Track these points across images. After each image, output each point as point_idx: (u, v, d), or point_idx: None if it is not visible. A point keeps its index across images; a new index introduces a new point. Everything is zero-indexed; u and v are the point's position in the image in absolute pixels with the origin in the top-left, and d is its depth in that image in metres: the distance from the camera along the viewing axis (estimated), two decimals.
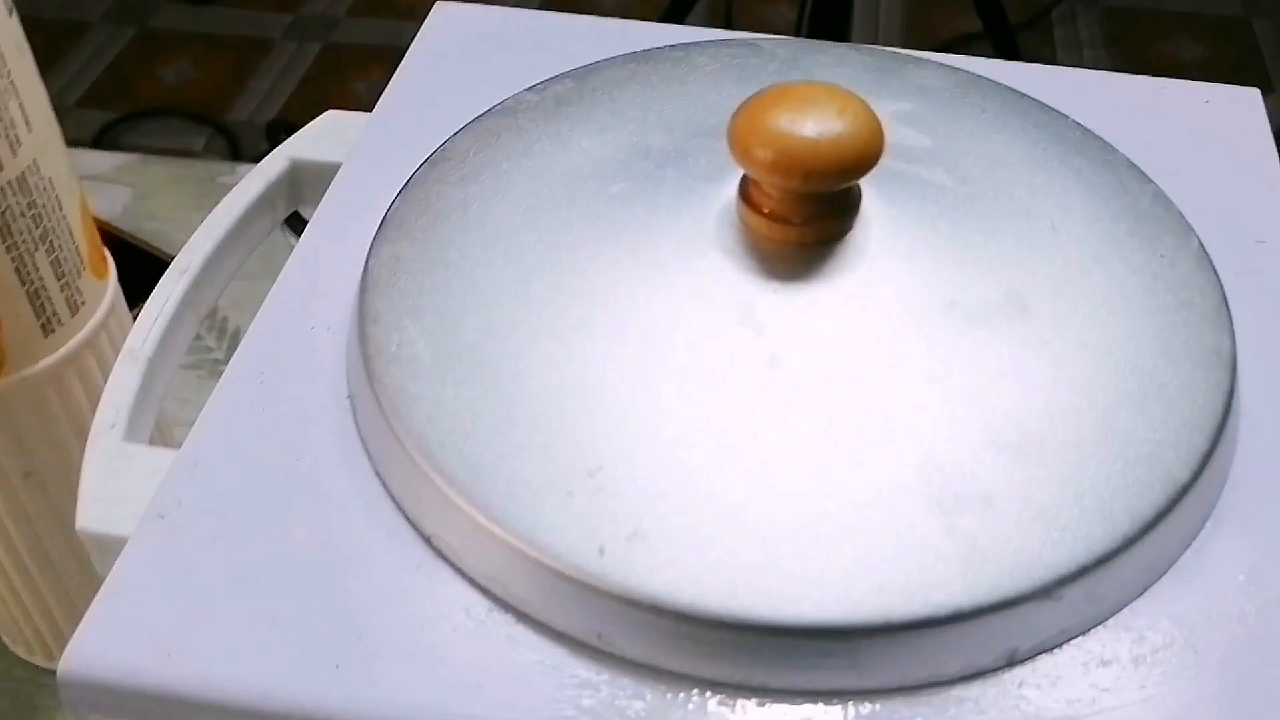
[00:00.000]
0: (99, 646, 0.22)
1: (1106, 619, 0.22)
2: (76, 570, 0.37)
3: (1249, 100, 0.34)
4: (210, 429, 0.25)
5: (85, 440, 0.33)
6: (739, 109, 0.25)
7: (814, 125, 0.24)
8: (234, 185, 0.59)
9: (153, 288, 0.52)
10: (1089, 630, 0.22)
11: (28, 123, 0.30)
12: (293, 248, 0.30)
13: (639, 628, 0.21)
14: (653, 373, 0.24)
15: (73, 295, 0.33)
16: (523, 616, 0.22)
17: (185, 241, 0.56)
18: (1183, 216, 0.28)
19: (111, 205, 0.57)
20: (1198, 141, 0.32)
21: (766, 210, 0.25)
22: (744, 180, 0.26)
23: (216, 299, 0.33)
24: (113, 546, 0.25)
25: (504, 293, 0.26)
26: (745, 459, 0.22)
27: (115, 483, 0.26)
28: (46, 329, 0.32)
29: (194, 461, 0.25)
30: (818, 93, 0.24)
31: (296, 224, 0.54)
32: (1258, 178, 0.31)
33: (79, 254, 0.33)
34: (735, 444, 0.23)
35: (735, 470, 0.22)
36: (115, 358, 0.34)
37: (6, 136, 0.29)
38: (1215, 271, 0.27)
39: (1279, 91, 1.48)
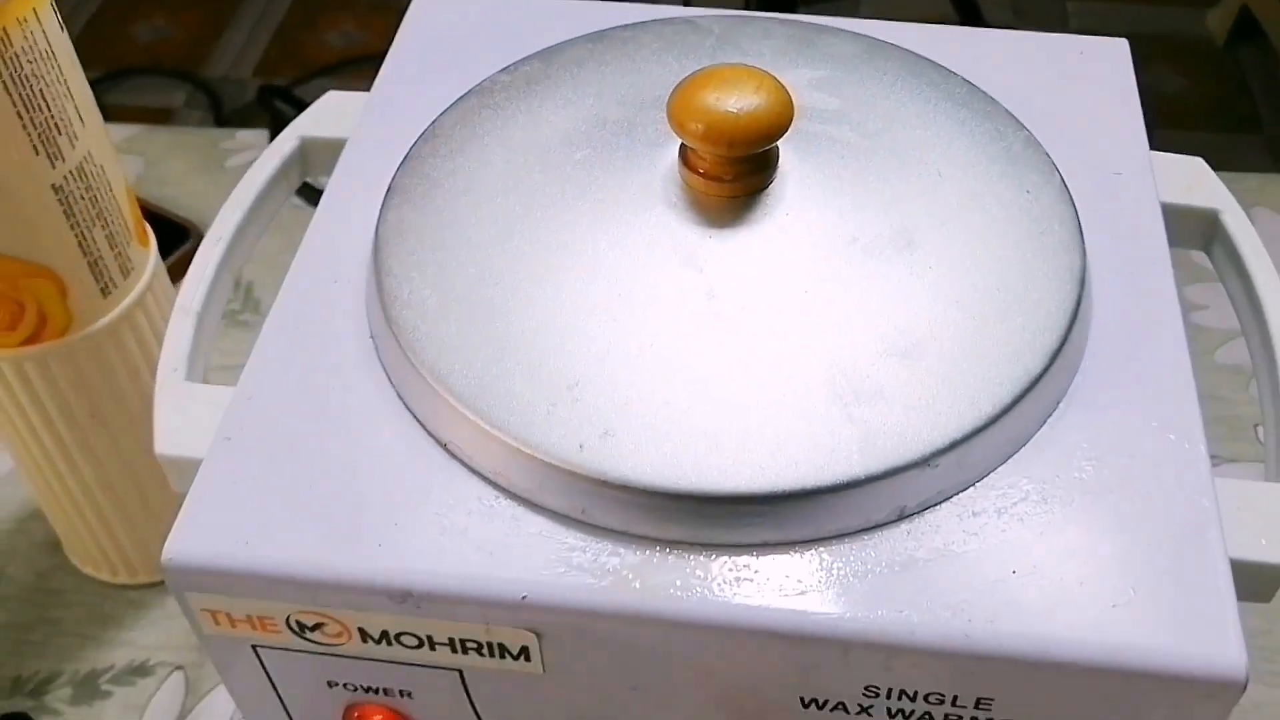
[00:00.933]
0: (190, 541, 0.28)
1: (976, 481, 0.28)
2: (136, 498, 0.43)
3: (1117, 49, 0.39)
4: (260, 367, 0.31)
5: (140, 384, 0.40)
6: (675, 89, 0.30)
7: (735, 101, 0.29)
8: (234, 150, 0.65)
9: (172, 248, 0.58)
10: (962, 490, 0.28)
11: (81, 120, 0.35)
12: (298, 208, 0.36)
13: (613, 504, 0.27)
14: (615, 307, 0.30)
15: (124, 262, 0.38)
16: (523, 501, 0.28)
17: (194, 205, 0.62)
18: (1049, 157, 0.34)
19: (126, 174, 0.63)
20: (1071, 88, 0.38)
21: (702, 171, 0.31)
22: (682, 147, 0.31)
23: (246, 260, 0.38)
24: (186, 467, 0.31)
25: (491, 246, 0.31)
26: (690, 372, 0.28)
27: (183, 416, 0.32)
28: (105, 292, 0.38)
29: (250, 394, 0.31)
30: (739, 74, 0.30)
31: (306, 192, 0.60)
32: (1120, 117, 0.37)
33: (127, 227, 0.38)
34: (682, 361, 0.29)
35: (682, 381, 0.28)
36: (159, 313, 0.40)
37: (65, 133, 0.35)
38: (1073, 203, 0.33)
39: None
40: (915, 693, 0.27)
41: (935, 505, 0.28)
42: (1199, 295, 0.55)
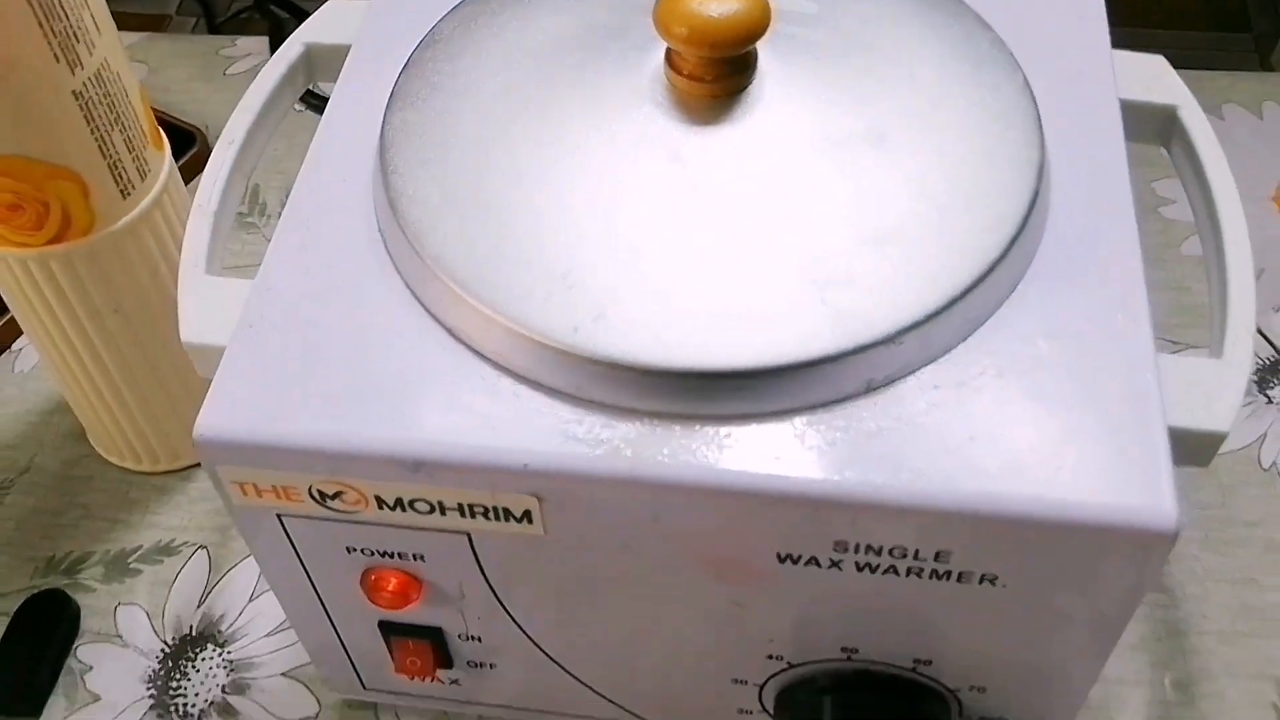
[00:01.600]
0: (219, 417, 0.31)
1: (938, 358, 0.31)
2: (157, 389, 0.46)
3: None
4: (277, 261, 0.34)
5: (159, 281, 0.42)
6: None
7: (716, 6, 0.31)
8: (235, 57, 0.66)
9: (179, 154, 0.60)
10: (925, 366, 0.31)
11: (98, 28, 0.37)
12: (298, 113, 0.38)
13: (606, 381, 0.30)
14: (606, 199, 0.32)
15: (141, 165, 0.40)
16: (523, 379, 0.31)
17: (199, 111, 0.63)
18: (1013, 58, 0.36)
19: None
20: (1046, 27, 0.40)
21: (685, 72, 0.33)
22: (668, 50, 0.33)
23: (256, 163, 0.40)
24: (210, 353, 0.33)
25: (490, 145, 0.34)
26: (675, 260, 0.31)
27: (205, 306, 0.34)
28: (124, 193, 0.40)
29: (268, 285, 0.33)
30: None
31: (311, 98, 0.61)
32: (1084, 19, 0.39)
33: (143, 131, 0.40)
34: (667, 249, 0.31)
35: (668, 268, 0.31)
36: (176, 214, 0.42)
37: (84, 41, 0.37)
38: (1034, 101, 0.35)
39: None
40: (880, 547, 0.30)
41: (900, 379, 0.31)
42: (1168, 190, 0.57)
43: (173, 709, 0.43)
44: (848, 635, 0.34)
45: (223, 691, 0.44)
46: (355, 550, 0.34)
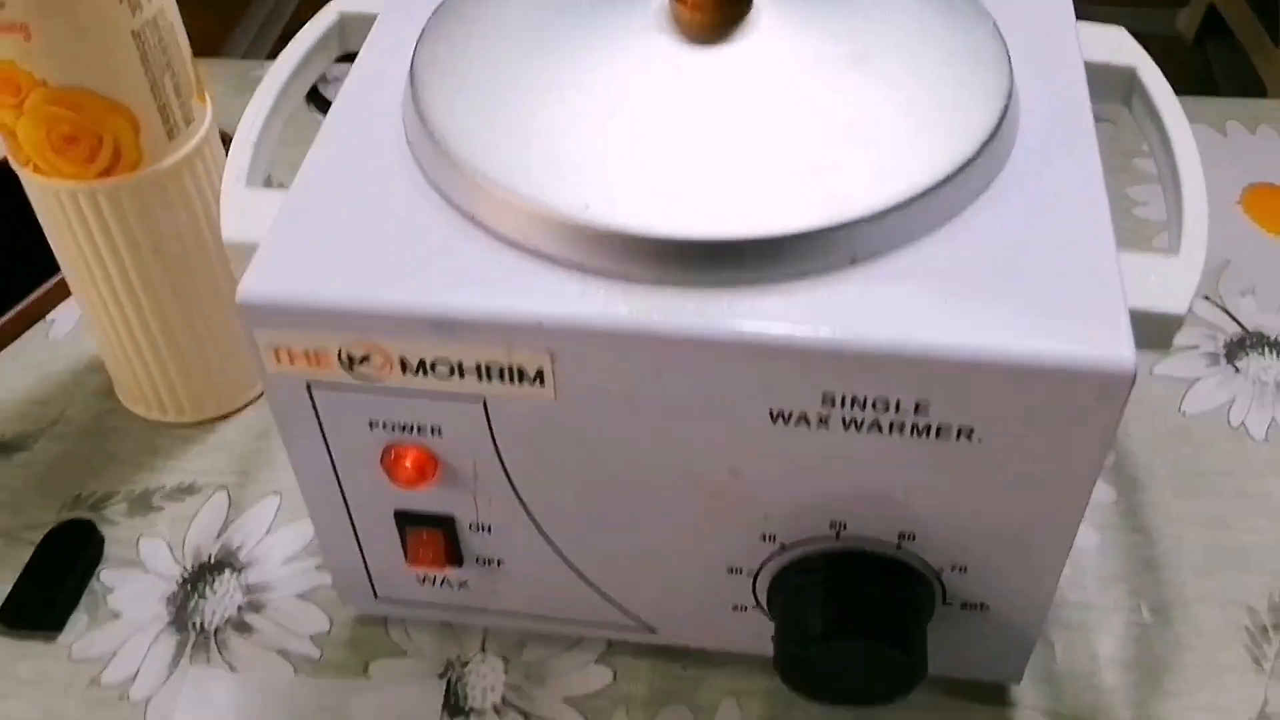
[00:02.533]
0: (260, 283, 0.34)
1: (917, 239, 0.34)
2: (188, 337, 0.48)
3: None
4: (314, 166, 0.37)
5: (197, 229, 0.45)
6: None
7: None
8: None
9: None
10: (906, 245, 0.34)
11: None
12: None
13: (615, 250, 0.33)
14: (616, 106, 0.35)
15: (187, 111, 0.44)
16: (537, 254, 0.34)
17: (228, 122, 0.67)
18: (986, 9, 0.40)
19: None
20: None
21: (689, 3, 0.37)
22: None
23: (289, 111, 0.44)
24: (248, 249, 0.36)
25: (511, 66, 0.37)
26: (677, 152, 0.34)
27: (246, 210, 0.37)
28: (170, 135, 0.43)
29: (307, 183, 0.36)
30: None
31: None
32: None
33: (190, 81, 0.44)
34: (670, 144, 0.34)
35: (671, 158, 0.34)
36: (214, 165, 0.46)
37: None
38: (1004, 42, 0.38)
39: None
40: (865, 399, 0.33)
41: (882, 256, 0.34)
42: (1140, 194, 0.61)
43: (190, 625, 0.45)
44: (836, 507, 0.36)
45: (238, 610, 0.46)
46: (377, 425, 0.36)
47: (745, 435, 0.34)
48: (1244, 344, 0.54)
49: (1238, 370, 0.53)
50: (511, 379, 0.34)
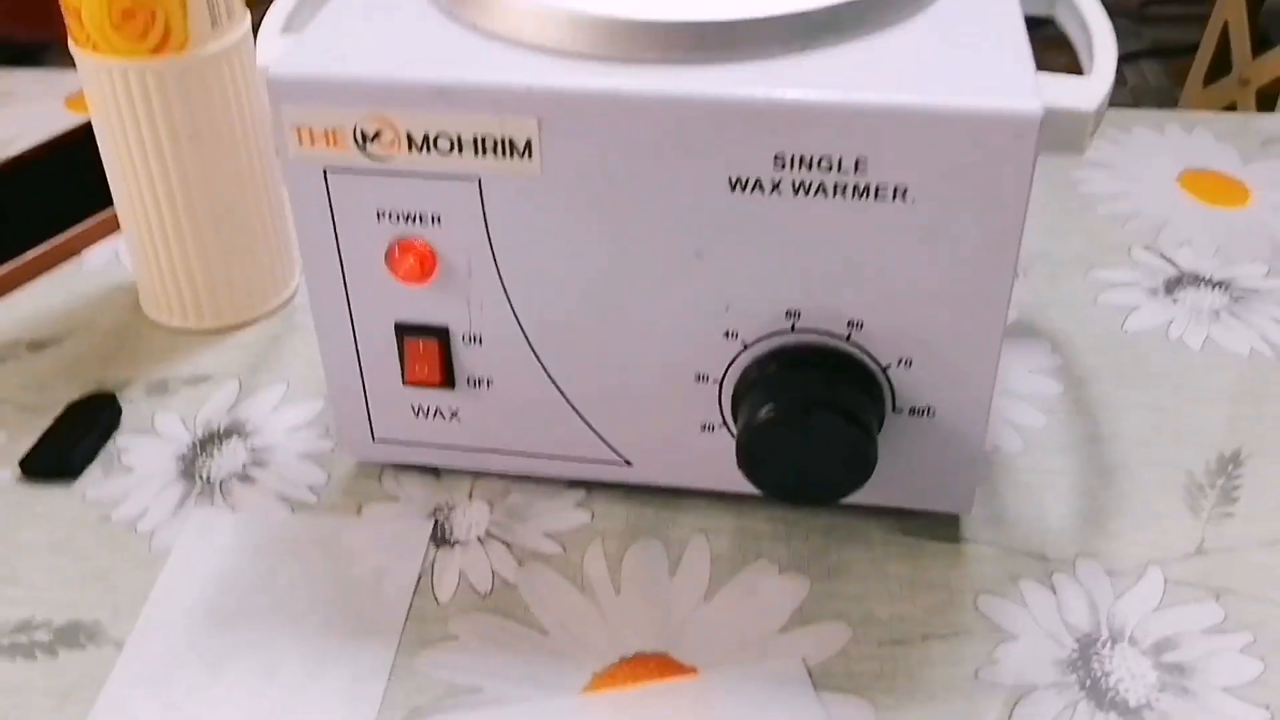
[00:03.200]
0: (287, 66, 0.39)
1: (856, 38, 0.39)
2: (212, 232, 0.53)
3: None
4: (340, 9, 0.42)
5: (230, 119, 0.51)
6: None
7: None
8: None
9: None
10: (848, 41, 0.39)
11: None
12: None
13: (593, 33, 0.38)
14: None
15: (231, 6, 0.50)
16: (529, 46, 0.39)
17: None
18: None
19: None
20: None
21: None
22: None
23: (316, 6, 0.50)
24: (279, 83, 0.41)
25: None
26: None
27: (281, 47, 0.43)
28: (214, 24, 0.49)
29: (334, 9, 0.42)
30: None
31: None
32: None
33: None
34: None
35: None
36: (250, 70, 0.52)
37: None
38: None
39: None
40: (811, 158, 0.37)
41: (831, 46, 0.39)
42: (1083, 173, 0.67)
43: (197, 477, 0.48)
44: (790, 292, 0.40)
45: (243, 466, 0.49)
46: (384, 215, 0.41)
47: (708, 210, 0.39)
48: (1180, 281, 0.58)
49: (1175, 301, 0.57)
50: (503, 152, 0.39)
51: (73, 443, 0.49)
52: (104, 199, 0.62)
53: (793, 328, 0.41)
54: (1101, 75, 0.41)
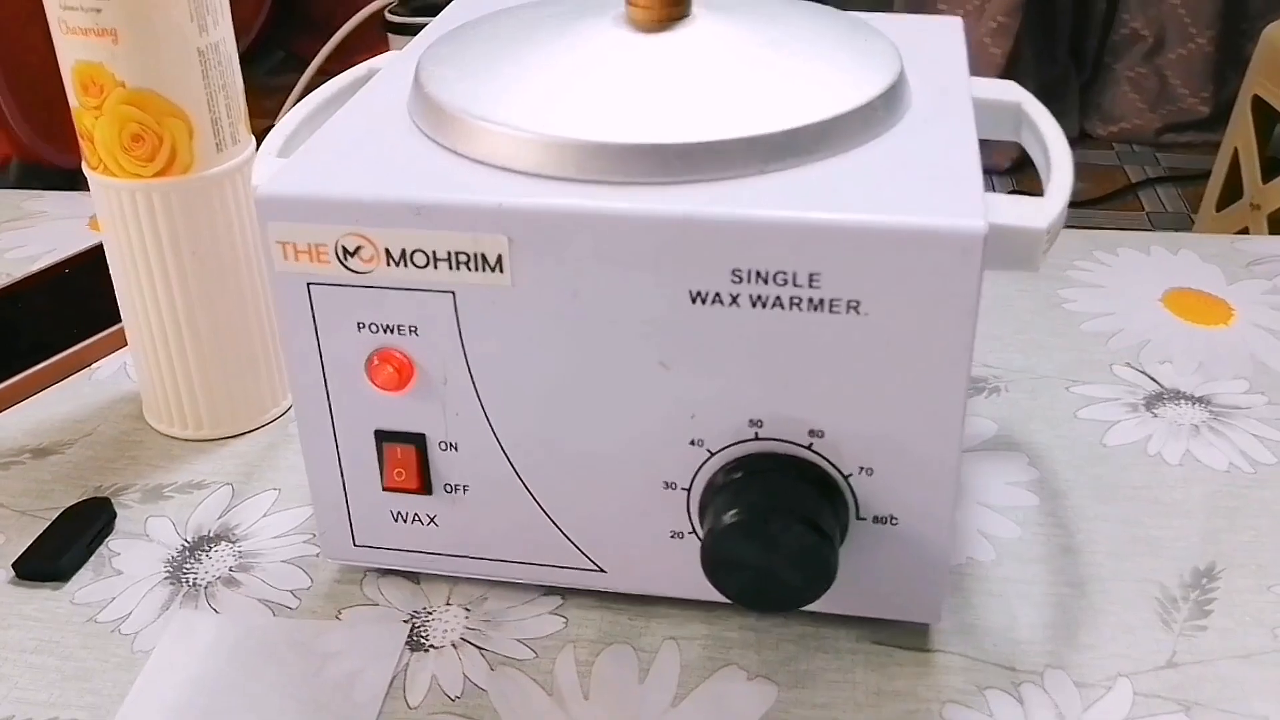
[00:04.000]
0: (275, 185, 0.41)
1: (810, 163, 0.41)
2: (212, 345, 0.55)
3: (953, 25, 0.55)
4: (330, 125, 0.45)
5: (232, 238, 0.53)
6: None
7: None
8: None
9: None
10: (802, 165, 0.41)
11: (221, 14, 0.51)
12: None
13: (560, 155, 0.40)
14: (570, 71, 0.44)
15: (235, 131, 0.53)
16: (501, 168, 0.41)
17: None
18: (892, 43, 0.48)
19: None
20: (916, 32, 0.53)
21: (640, 5, 0.46)
22: None
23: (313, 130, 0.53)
24: (266, 201, 0.44)
25: (494, 52, 0.46)
26: (619, 97, 0.42)
27: (273, 168, 0.45)
28: (219, 148, 0.52)
29: (322, 133, 0.44)
30: None
31: None
32: (948, 50, 0.52)
33: (240, 109, 0.53)
34: (614, 92, 0.42)
35: (613, 101, 0.42)
36: (251, 188, 0.54)
37: (211, 14, 0.50)
38: (898, 50, 0.47)
39: None
40: (767, 273, 0.39)
41: (787, 169, 0.41)
42: (1070, 294, 0.68)
43: (184, 580, 0.50)
44: (751, 401, 0.41)
45: (229, 570, 0.50)
46: (364, 326, 0.42)
47: (671, 322, 0.40)
48: (1162, 397, 0.59)
49: (1155, 416, 0.58)
50: (476, 267, 0.40)
51: (65, 546, 0.51)
52: (118, 314, 0.65)
53: (756, 436, 0.42)
54: (1055, 195, 0.42)
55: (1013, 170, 2.33)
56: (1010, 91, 0.51)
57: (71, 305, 0.67)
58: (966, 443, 0.56)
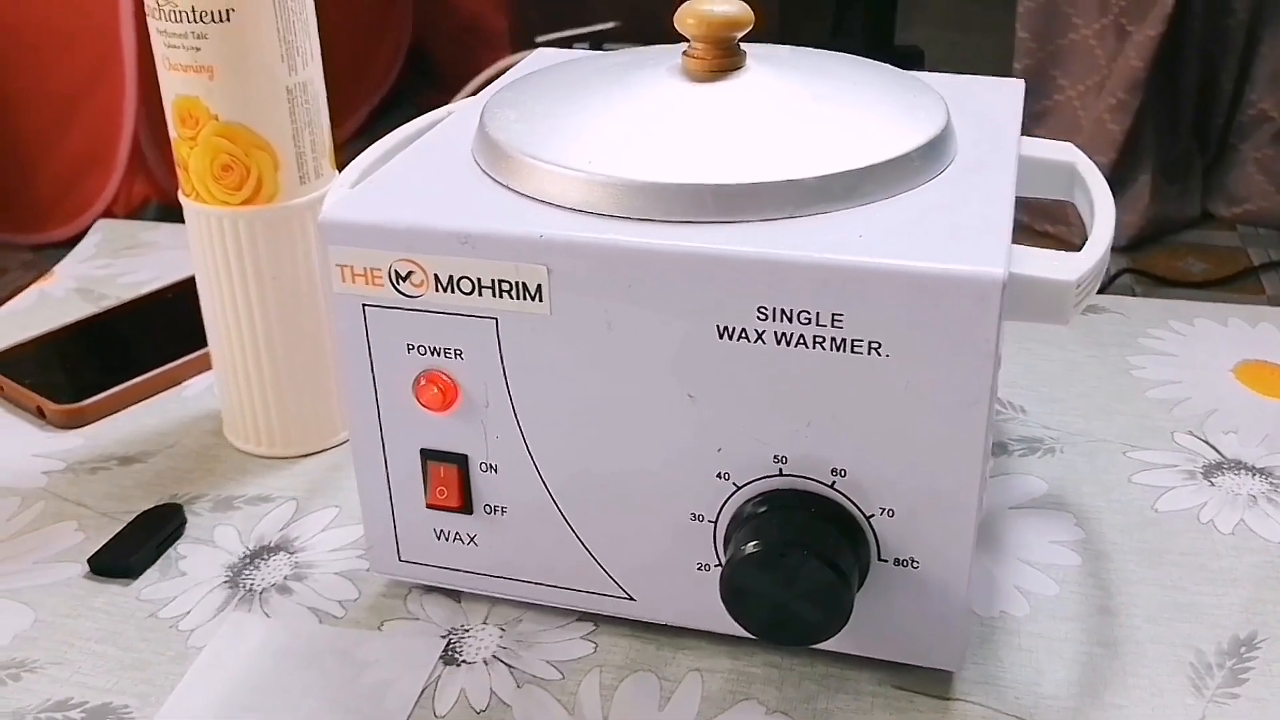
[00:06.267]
0: (335, 212, 0.44)
1: (840, 208, 0.42)
2: (288, 367, 0.58)
3: (1013, 86, 0.55)
4: (400, 164, 0.48)
5: (310, 266, 0.56)
6: (683, 6, 0.48)
7: (717, 6, 0.47)
8: None
9: None
10: (831, 211, 0.42)
11: (311, 56, 0.55)
12: None
13: (610, 194, 0.42)
14: (625, 115, 0.46)
15: (319, 166, 0.56)
16: (548, 203, 0.43)
17: None
18: (941, 99, 0.50)
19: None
20: (974, 91, 0.54)
21: (695, 55, 0.48)
22: (685, 47, 0.49)
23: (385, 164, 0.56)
24: (327, 225, 0.47)
25: (556, 100, 0.48)
26: (669, 141, 0.44)
27: (339, 198, 0.48)
28: (302, 180, 0.56)
29: (387, 168, 0.47)
30: None
31: None
32: (1003, 106, 0.53)
33: (325, 144, 0.57)
34: (664, 137, 0.44)
35: (663, 144, 0.44)
36: None
37: (300, 56, 0.54)
38: (945, 103, 0.48)
39: None
40: (791, 311, 0.40)
41: (815, 214, 0.42)
42: (1139, 360, 0.67)
43: (241, 585, 0.52)
44: (776, 437, 0.42)
45: (284, 579, 0.53)
46: (413, 348, 0.45)
47: (699, 355, 0.42)
48: (1221, 467, 0.58)
49: (1213, 485, 0.57)
50: (517, 295, 0.43)
51: (137, 546, 0.54)
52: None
53: (780, 471, 0.43)
54: (1090, 251, 0.43)
55: (1129, 248, 2.29)
56: (1065, 152, 0.52)
57: (169, 328, 0.72)
58: (1014, 500, 0.56)
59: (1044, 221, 2.08)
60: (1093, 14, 2.14)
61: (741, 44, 0.49)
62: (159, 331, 0.72)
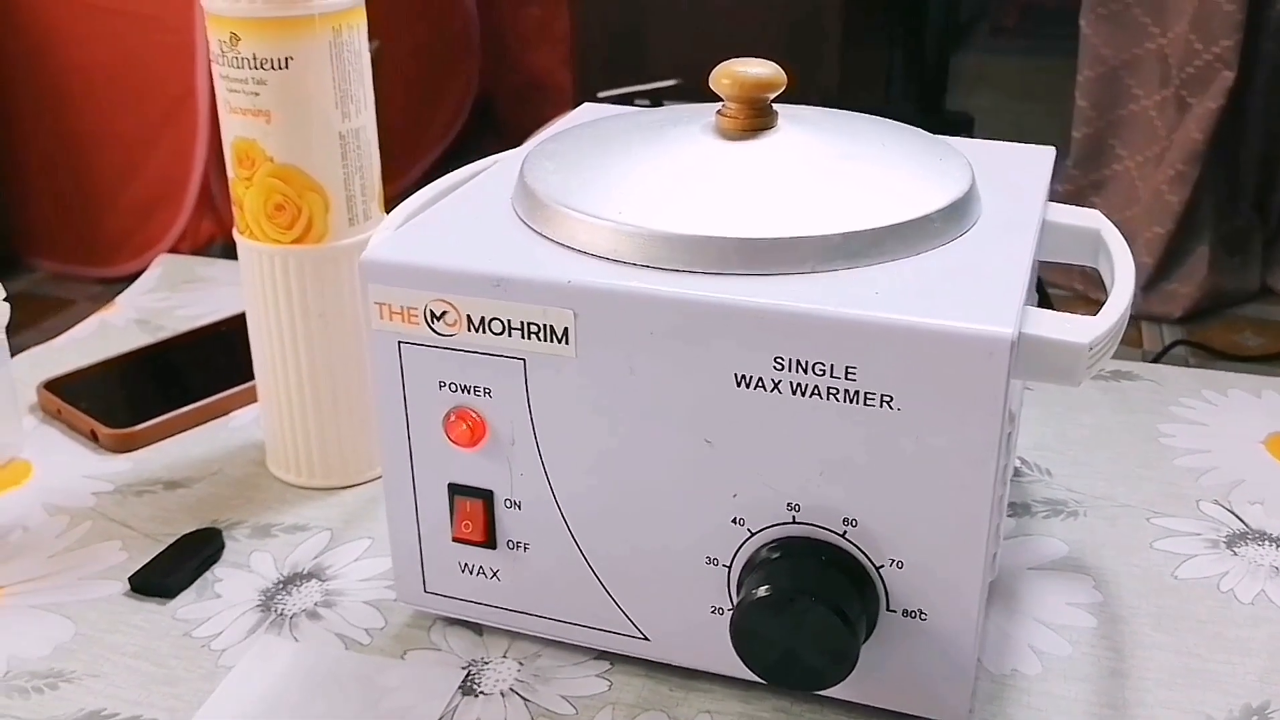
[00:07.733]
0: (376, 252, 0.46)
1: (859, 265, 0.43)
2: (330, 401, 0.60)
3: (1043, 153, 0.57)
4: (442, 209, 0.50)
5: (358, 304, 0.58)
6: (717, 68, 0.50)
7: (751, 69, 0.49)
8: None
9: None
10: (852, 268, 0.43)
11: (364, 103, 0.57)
12: None
13: (638, 243, 0.44)
14: (659, 171, 0.48)
15: (368, 208, 0.59)
16: (579, 251, 0.45)
17: None
18: (968, 164, 0.51)
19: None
20: (1005, 157, 0.55)
21: (729, 115, 0.49)
22: (719, 107, 0.50)
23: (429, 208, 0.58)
24: (368, 265, 0.49)
25: (593, 155, 0.50)
26: (698, 197, 0.46)
27: (381, 239, 0.50)
28: (351, 222, 0.58)
29: (429, 213, 0.49)
30: (754, 60, 0.49)
31: None
32: (1032, 175, 0.54)
33: (374, 189, 0.59)
34: (695, 192, 0.46)
35: (692, 200, 0.45)
36: None
37: (354, 103, 0.56)
38: (970, 166, 0.49)
39: None
40: (807, 363, 0.41)
41: (836, 270, 0.43)
42: (1170, 429, 0.68)
43: (273, 609, 0.54)
44: (790, 485, 0.43)
45: (314, 605, 0.54)
46: (444, 385, 0.47)
47: (717, 402, 0.43)
48: (1245, 537, 0.58)
49: (1235, 554, 0.57)
50: (545, 337, 0.44)
51: (176, 568, 0.56)
52: None
53: (794, 519, 0.44)
54: (1105, 315, 0.44)
55: (1185, 320, 2.27)
56: (1091, 219, 0.53)
57: (219, 360, 0.74)
58: (1034, 560, 0.57)
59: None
60: (1154, 85, 2.14)
61: (774, 104, 0.50)
62: (210, 363, 0.74)
